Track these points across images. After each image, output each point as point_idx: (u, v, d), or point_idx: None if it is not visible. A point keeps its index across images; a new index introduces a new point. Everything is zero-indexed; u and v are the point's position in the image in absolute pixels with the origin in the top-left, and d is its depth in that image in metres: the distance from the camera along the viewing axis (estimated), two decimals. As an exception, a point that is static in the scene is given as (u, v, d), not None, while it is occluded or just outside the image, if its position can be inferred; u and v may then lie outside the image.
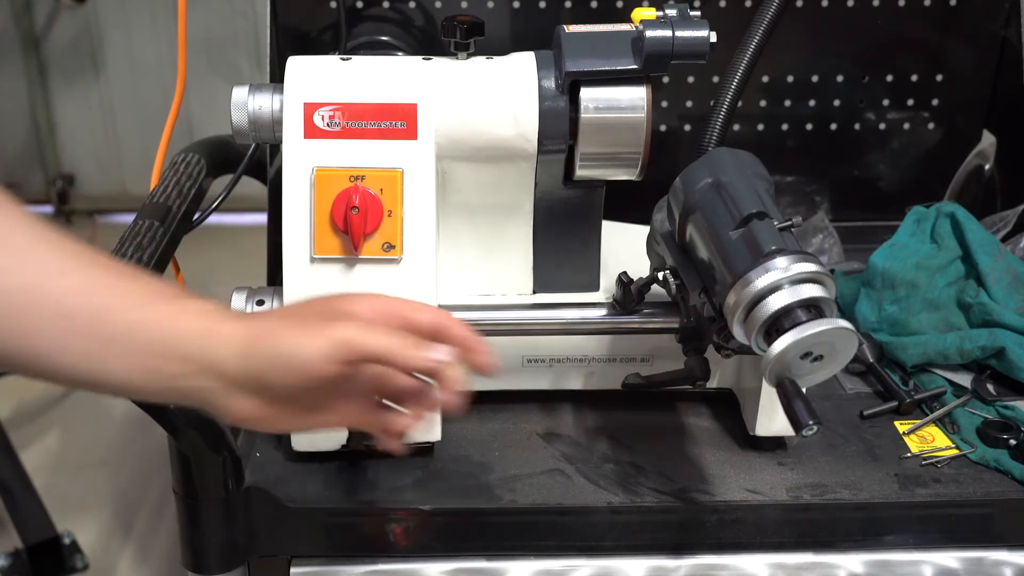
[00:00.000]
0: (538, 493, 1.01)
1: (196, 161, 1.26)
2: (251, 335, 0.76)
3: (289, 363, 0.76)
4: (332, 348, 0.76)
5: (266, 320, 0.81)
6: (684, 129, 1.46)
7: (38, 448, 2.43)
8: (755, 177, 0.96)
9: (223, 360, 0.75)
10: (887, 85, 1.45)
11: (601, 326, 1.06)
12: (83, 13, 3.25)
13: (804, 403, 0.84)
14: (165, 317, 0.75)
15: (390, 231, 0.99)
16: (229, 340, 0.75)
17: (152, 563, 2.15)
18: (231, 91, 1.02)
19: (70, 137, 3.42)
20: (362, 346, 0.76)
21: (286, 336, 0.76)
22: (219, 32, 3.16)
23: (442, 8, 1.39)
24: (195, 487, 0.97)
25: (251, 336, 0.76)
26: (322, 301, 0.82)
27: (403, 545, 1.01)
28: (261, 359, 0.76)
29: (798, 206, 1.50)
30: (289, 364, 0.76)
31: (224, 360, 0.75)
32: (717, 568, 1.02)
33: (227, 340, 0.75)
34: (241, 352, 0.75)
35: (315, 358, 0.75)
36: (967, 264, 1.22)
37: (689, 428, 1.11)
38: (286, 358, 0.76)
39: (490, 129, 1.02)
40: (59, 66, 3.33)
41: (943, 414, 1.12)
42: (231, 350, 0.75)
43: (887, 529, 1.02)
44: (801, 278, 0.85)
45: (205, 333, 0.75)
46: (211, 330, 0.76)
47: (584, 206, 1.09)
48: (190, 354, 0.75)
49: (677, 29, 0.98)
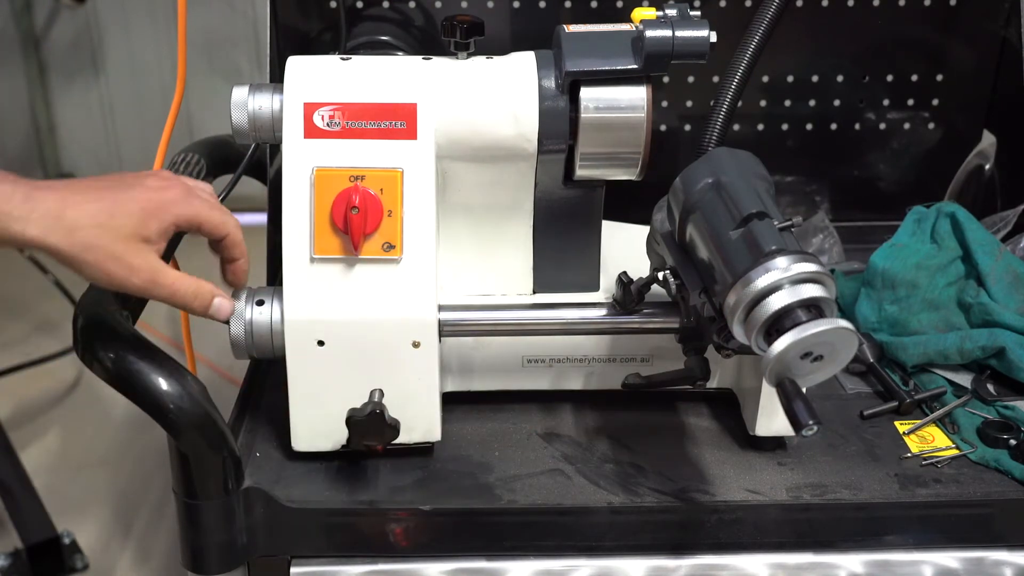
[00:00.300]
0: (538, 493, 1.01)
1: (196, 161, 1.26)
2: (54, 253, 0.88)
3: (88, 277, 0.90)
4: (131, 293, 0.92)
5: (67, 243, 0.88)
6: (684, 129, 1.46)
7: (38, 448, 2.43)
8: (755, 177, 0.96)
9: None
10: (887, 85, 1.45)
11: (601, 326, 1.06)
12: (83, 13, 3.25)
13: (804, 403, 0.84)
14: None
15: (390, 231, 0.99)
16: (35, 245, 0.87)
17: (152, 563, 2.15)
18: (231, 91, 1.03)
19: (70, 137, 3.42)
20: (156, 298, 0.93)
21: (89, 274, 0.90)
22: (219, 32, 3.15)
23: (442, 8, 1.39)
24: (195, 487, 0.97)
25: (54, 253, 0.88)
26: (129, 222, 0.91)
27: (403, 545, 1.01)
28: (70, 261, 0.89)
29: (798, 206, 1.50)
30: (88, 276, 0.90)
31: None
32: (717, 568, 1.02)
33: (31, 244, 0.87)
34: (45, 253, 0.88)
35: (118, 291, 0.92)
36: (967, 264, 1.22)
37: (689, 428, 1.11)
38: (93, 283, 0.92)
39: (490, 129, 1.02)
40: (59, 66, 3.33)
41: (943, 414, 1.12)
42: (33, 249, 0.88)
43: (887, 529, 1.02)
44: (801, 278, 0.85)
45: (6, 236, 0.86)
46: (13, 237, 0.86)
47: (584, 206, 1.09)
48: None
49: (677, 29, 0.98)
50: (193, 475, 0.97)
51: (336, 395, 1.01)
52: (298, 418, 1.03)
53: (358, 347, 1.00)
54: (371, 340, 1.00)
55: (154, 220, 0.92)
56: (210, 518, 0.98)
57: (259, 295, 1.03)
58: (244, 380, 1.17)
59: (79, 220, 0.88)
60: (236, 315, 1.01)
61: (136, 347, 0.94)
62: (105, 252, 0.89)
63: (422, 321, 1.00)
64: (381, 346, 1.00)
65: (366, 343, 1.00)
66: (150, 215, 0.92)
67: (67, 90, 3.35)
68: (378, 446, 1.01)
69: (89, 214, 0.88)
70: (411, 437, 1.03)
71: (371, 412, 0.98)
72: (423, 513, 1.00)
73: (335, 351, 1.00)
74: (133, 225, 0.90)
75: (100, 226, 0.89)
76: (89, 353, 0.95)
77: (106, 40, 3.29)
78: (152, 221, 0.92)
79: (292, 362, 1.01)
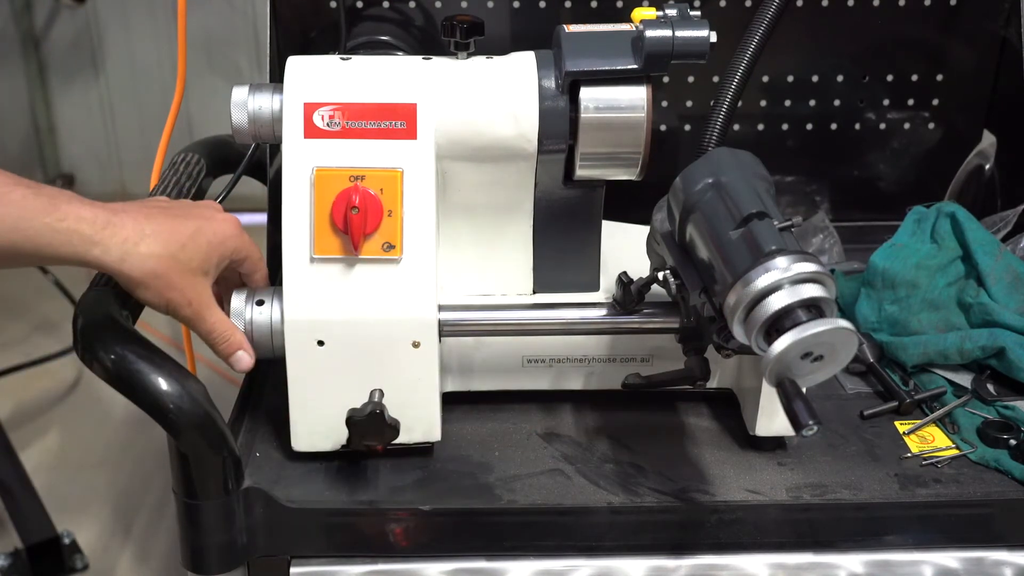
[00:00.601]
0: (538, 493, 1.01)
1: (196, 161, 1.26)
2: (119, 277, 0.95)
3: None
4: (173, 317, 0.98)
5: (138, 271, 0.94)
6: (684, 129, 1.46)
7: (38, 448, 2.43)
8: (755, 177, 0.96)
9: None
10: (887, 85, 1.45)
11: (601, 326, 1.06)
12: (83, 13, 3.25)
13: (804, 403, 0.84)
14: (48, 242, 0.89)
15: (390, 231, 0.99)
16: (103, 269, 0.94)
17: (152, 563, 2.15)
18: (231, 91, 1.03)
19: (70, 137, 3.42)
20: (194, 329, 1.00)
21: (142, 296, 0.96)
22: (219, 32, 3.15)
23: (442, 8, 1.39)
24: (195, 487, 0.97)
25: (119, 277, 0.95)
26: (196, 255, 0.97)
27: (403, 545, 1.01)
28: None
29: (798, 206, 1.50)
30: None
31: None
32: (717, 568, 1.02)
33: (100, 269, 0.94)
34: None
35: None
36: (967, 264, 1.22)
37: (689, 428, 1.11)
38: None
39: (490, 129, 1.02)
40: (59, 66, 3.33)
41: (943, 414, 1.12)
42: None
43: (887, 529, 1.02)
44: (801, 278, 0.85)
45: (82, 261, 0.91)
46: (88, 262, 0.92)
47: (584, 206, 1.09)
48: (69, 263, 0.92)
49: (677, 29, 0.98)
50: (193, 475, 0.96)
51: (336, 395, 1.00)
52: (298, 418, 1.03)
53: (358, 347, 1.00)
54: (371, 340, 1.00)
55: (216, 254, 0.98)
56: (210, 518, 0.98)
57: (259, 295, 1.03)
58: (244, 380, 1.17)
59: (154, 250, 0.94)
60: (236, 315, 1.01)
61: (136, 347, 0.94)
62: (169, 282, 0.95)
63: (422, 321, 1.00)
64: (381, 346, 1.00)
65: (366, 343, 1.00)
66: (213, 249, 0.98)
67: (67, 90, 3.35)
68: (378, 446, 1.01)
69: (163, 244, 0.94)
70: (411, 437, 1.03)
71: (371, 412, 0.98)
72: (423, 513, 1.00)
73: (335, 351, 1.00)
74: (200, 260, 0.97)
75: (172, 257, 0.95)
76: (89, 353, 0.95)
77: (106, 40, 3.29)
78: (215, 255, 0.98)
79: (292, 362, 1.01)
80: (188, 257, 0.96)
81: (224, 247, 0.99)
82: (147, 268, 0.93)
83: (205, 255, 0.97)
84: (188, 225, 0.97)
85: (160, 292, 0.95)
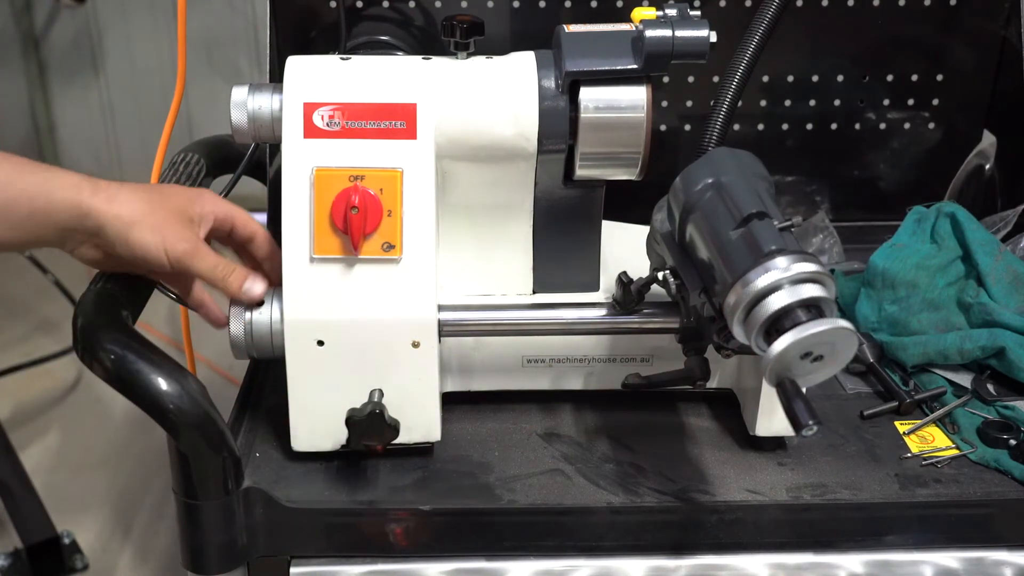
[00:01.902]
0: (538, 493, 1.01)
1: (196, 161, 1.26)
2: (111, 221, 0.96)
3: (135, 257, 0.97)
4: (170, 262, 0.98)
5: (127, 209, 0.96)
6: (684, 129, 1.46)
7: (38, 448, 2.43)
8: (755, 177, 0.96)
9: (85, 234, 0.97)
10: (887, 85, 1.45)
11: (601, 326, 1.06)
12: (83, 13, 3.25)
13: (804, 403, 0.84)
14: (41, 191, 0.95)
15: (390, 231, 0.99)
16: (94, 217, 0.95)
17: (152, 563, 2.15)
18: (231, 91, 1.02)
19: (70, 137, 3.42)
20: (195, 269, 1.00)
21: (137, 237, 0.96)
22: (219, 32, 3.15)
23: (442, 8, 1.39)
24: (195, 487, 0.97)
25: (111, 222, 0.96)
26: (178, 202, 1.01)
27: (403, 545, 1.01)
28: (116, 245, 0.97)
29: (798, 206, 1.50)
30: (135, 257, 0.97)
31: (85, 234, 0.97)
32: (717, 568, 1.02)
33: (92, 217, 0.95)
34: (99, 229, 0.96)
35: (156, 262, 0.98)
36: (967, 264, 1.22)
37: (689, 428, 1.11)
38: (136, 253, 0.97)
39: (490, 129, 1.02)
40: (59, 66, 3.33)
41: (943, 414, 1.12)
42: (92, 225, 0.95)
43: (887, 529, 1.02)
44: (801, 278, 0.85)
45: (75, 207, 0.95)
46: (80, 206, 0.95)
47: (584, 206, 1.09)
48: (61, 224, 0.95)
49: (677, 29, 0.98)
50: (193, 475, 0.96)
51: (336, 395, 1.00)
52: (298, 418, 1.03)
53: (358, 347, 1.00)
54: (371, 340, 1.00)
55: (196, 205, 1.02)
56: (210, 518, 0.98)
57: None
58: (244, 380, 1.17)
59: (138, 194, 0.98)
60: (236, 315, 1.01)
61: (136, 347, 0.94)
62: (161, 219, 0.98)
63: (422, 321, 1.00)
64: (381, 346, 1.00)
65: (366, 343, 1.00)
66: (192, 201, 1.02)
67: (67, 90, 3.35)
68: (378, 446, 1.01)
69: (145, 190, 0.99)
70: (411, 437, 1.03)
71: (371, 412, 0.98)
72: (423, 513, 1.00)
73: (335, 351, 1.00)
74: (183, 205, 1.00)
75: (157, 201, 0.98)
76: (89, 353, 0.95)
77: (106, 40, 3.29)
78: (195, 206, 1.01)
79: (292, 362, 1.01)
80: (172, 205, 0.99)
81: (204, 202, 1.02)
82: (136, 208, 0.96)
83: (185, 202, 1.01)
84: (164, 186, 1.05)
85: (154, 228, 0.97)
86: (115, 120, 3.39)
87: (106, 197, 0.96)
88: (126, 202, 0.96)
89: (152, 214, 0.97)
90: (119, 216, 0.96)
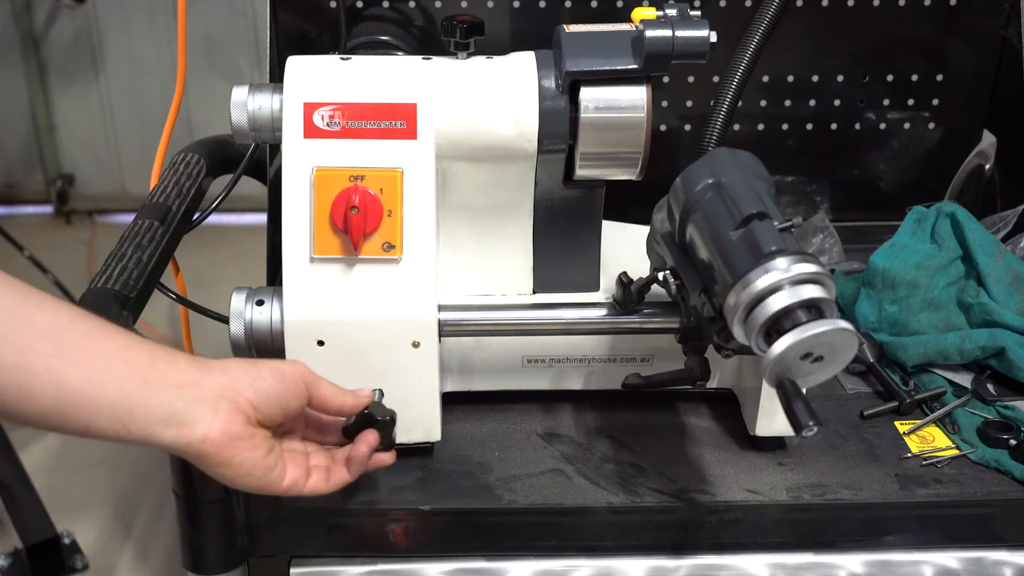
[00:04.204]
0: (538, 493, 1.01)
1: (196, 161, 1.26)
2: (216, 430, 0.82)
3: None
4: None
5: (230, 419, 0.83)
6: (684, 129, 1.46)
7: (38, 448, 2.43)
8: (755, 177, 0.96)
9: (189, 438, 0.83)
10: (887, 85, 1.45)
11: (601, 326, 1.06)
12: (83, 13, 3.25)
13: (804, 404, 0.84)
14: (144, 391, 0.81)
15: (390, 231, 0.99)
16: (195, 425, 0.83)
17: (152, 563, 2.15)
18: (231, 91, 1.02)
19: (70, 137, 3.42)
20: None
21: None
22: (219, 32, 3.16)
23: (442, 8, 1.39)
24: (195, 487, 0.97)
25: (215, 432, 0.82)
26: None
27: (403, 545, 1.01)
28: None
29: (798, 206, 1.50)
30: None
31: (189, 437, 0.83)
32: (717, 568, 1.02)
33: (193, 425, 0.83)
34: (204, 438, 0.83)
35: None
36: (967, 264, 1.22)
37: (689, 428, 1.11)
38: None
39: (490, 129, 1.02)
40: (59, 66, 3.33)
41: (943, 414, 1.12)
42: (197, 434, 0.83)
43: (887, 529, 1.02)
44: (801, 279, 0.85)
45: (175, 416, 0.83)
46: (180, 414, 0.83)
47: (584, 206, 1.09)
48: (164, 420, 0.83)
49: (677, 29, 0.98)
50: (193, 475, 0.96)
51: (336, 395, 1.00)
52: (298, 418, 1.02)
53: (358, 347, 1.00)
54: (371, 340, 1.00)
55: None
56: (210, 518, 0.98)
57: (259, 295, 1.03)
58: (244, 380, 1.17)
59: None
60: (236, 315, 1.01)
61: (136, 347, 0.94)
62: None
63: (422, 321, 1.00)
64: (381, 346, 1.00)
65: (366, 343, 1.00)
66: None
67: (67, 90, 3.36)
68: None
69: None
70: (411, 437, 1.03)
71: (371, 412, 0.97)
72: (423, 513, 1.00)
73: (335, 351, 1.00)
74: None
75: None
76: (89, 353, 0.95)
77: (106, 40, 3.29)
78: None
79: (292, 362, 1.01)
80: None
81: None
82: None
83: None
84: None
85: None
86: (115, 120, 3.39)
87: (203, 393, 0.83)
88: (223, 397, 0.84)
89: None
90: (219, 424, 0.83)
